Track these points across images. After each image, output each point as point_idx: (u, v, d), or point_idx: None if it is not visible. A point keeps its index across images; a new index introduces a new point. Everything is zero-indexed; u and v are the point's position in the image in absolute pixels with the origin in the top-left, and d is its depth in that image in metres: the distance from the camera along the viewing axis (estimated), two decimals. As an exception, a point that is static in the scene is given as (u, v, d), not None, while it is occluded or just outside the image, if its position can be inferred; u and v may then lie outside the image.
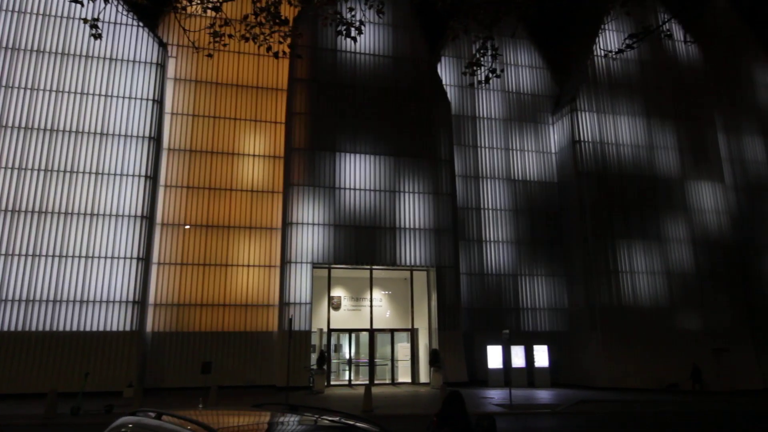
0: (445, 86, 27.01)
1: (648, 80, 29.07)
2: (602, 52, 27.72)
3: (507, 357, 24.86)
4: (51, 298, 20.37)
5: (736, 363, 25.69)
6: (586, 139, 27.06)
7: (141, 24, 23.49)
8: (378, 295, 25.95)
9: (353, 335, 25.71)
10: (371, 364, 24.76)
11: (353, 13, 7.92)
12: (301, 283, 22.87)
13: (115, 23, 23.18)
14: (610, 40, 28.89)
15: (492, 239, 26.73)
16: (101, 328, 20.57)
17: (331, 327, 24.43)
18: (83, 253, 21.01)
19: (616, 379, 24.18)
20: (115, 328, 20.67)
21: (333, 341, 25.17)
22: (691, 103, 29.32)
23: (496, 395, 20.80)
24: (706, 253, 27.11)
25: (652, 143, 28.03)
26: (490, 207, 27.09)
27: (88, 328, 20.45)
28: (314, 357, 23.07)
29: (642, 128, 28.14)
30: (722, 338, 25.88)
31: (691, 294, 26.40)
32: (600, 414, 17.52)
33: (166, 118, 23.91)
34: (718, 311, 26.48)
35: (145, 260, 21.47)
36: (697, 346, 25.39)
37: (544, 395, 21.63)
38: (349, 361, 25.24)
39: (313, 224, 23.55)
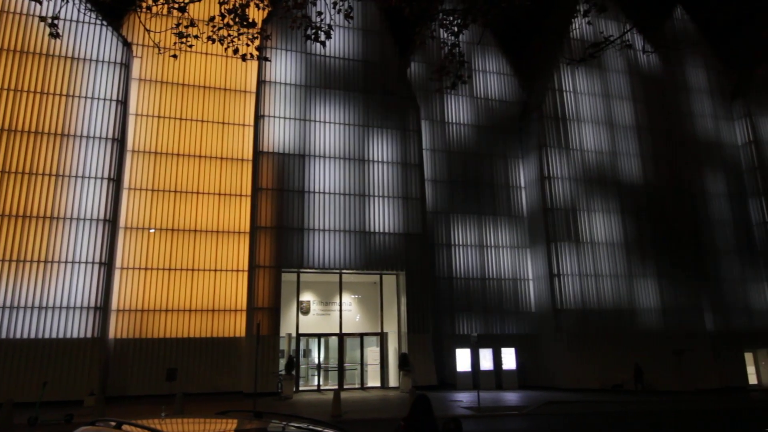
0: (414, 91, 27.16)
1: (611, 88, 29.85)
2: (567, 60, 28.34)
3: (475, 360, 25.11)
4: (8, 304, 19.62)
5: (695, 363, 26.51)
6: (552, 145, 27.60)
7: (104, 23, 22.93)
8: (347, 299, 25.87)
9: (322, 340, 25.55)
10: (340, 369, 24.64)
11: (322, 16, 7.91)
12: (269, 288, 22.62)
13: (77, 21, 22.58)
14: (575, 48, 29.55)
15: (460, 243, 26.97)
16: (61, 335, 19.91)
17: (300, 332, 24.23)
18: (42, 258, 20.32)
19: (580, 380, 24.66)
20: (75, 335, 20.04)
21: (302, 346, 24.95)
22: (652, 110, 30.21)
23: (464, 398, 20.95)
24: (667, 257, 27.92)
25: (615, 149, 28.77)
26: (458, 211, 27.33)
27: (47, 336, 19.76)
28: (283, 362, 22.84)
29: (605, 135, 28.86)
30: (682, 339, 26.67)
31: (652, 296, 27.13)
32: (565, 414, 17.83)
33: (131, 119, 23.36)
34: (678, 313, 27.29)
35: (107, 265, 20.90)
36: (658, 347, 26.11)
37: (511, 397, 21.90)
38: (318, 366, 25.06)
39: (282, 228, 23.35)
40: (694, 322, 27.48)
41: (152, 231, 22.56)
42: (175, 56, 7.83)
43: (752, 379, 29.20)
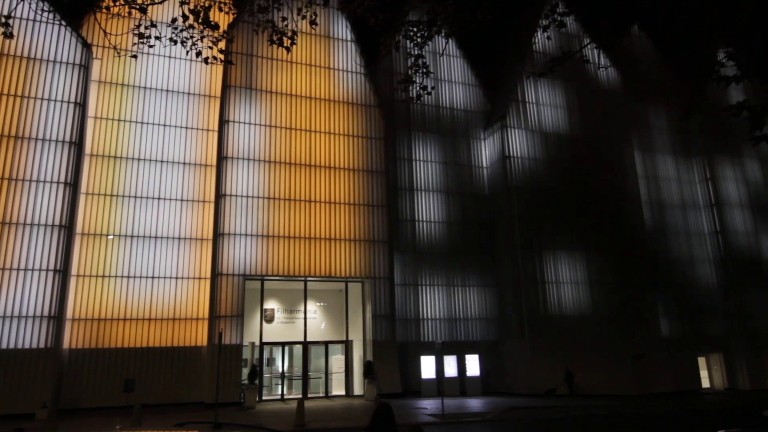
0: (380, 99, 27.30)
1: (572, 100, 30.67)
2: (528, 73, 29.01)
3: (440, 367, 25.25)
4: (-47, 313, 18.72)
5: (652, 367, 27.31)
6: (515, 155, 28.14)
7: (63, 23, 22.28)
8: (312, 307, 25.67)
9: (287, 348, 25.26)
10: (305, 378, 24.39)
11: (286, 23, 7.89)
12: (232, 296, 22.25)
13: (33, 20, 21.88)
14: (538, 61, 30.26)
15: (426, 251, 27.14)
16: (12, 345, 19.10)
17: (264, 340, 23.90)
18: (-8, 265, 19.47)
19: (543, 385, 25.05)
20: (27, 345, 19.25)
21: (266, 355, 24.60)
22: (611, 123, 31.16)
23: (429, 405, 21.01)
24: (624, 264, 28.72)
25: (576, 160, 29.51)
26: (424, 219, 27.53)
27: (-5, 346, 18.92)
28: (246, 371, 22.46)
29: (567, 146, 29.59)
30: (639, 344, 27.43)
31: (611, 302, 27.85)
32: (528, 420, 18.09)
33: (89, 122, 22.71)
34: (635, 319, 28.08)
35: (62, 272, 20.19)
36: (617, 352, 26.79)
37: (475, 404, 22.08)
38: (282, 375, 24.75)
39: (246, 235, 23.04)
40: (650, 327, 28.30)
41: (110, 237, 21.92)
42: (135, 57, 7.67)
43: (705, 383, 30.24)
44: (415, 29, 7.40)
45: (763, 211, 33.46)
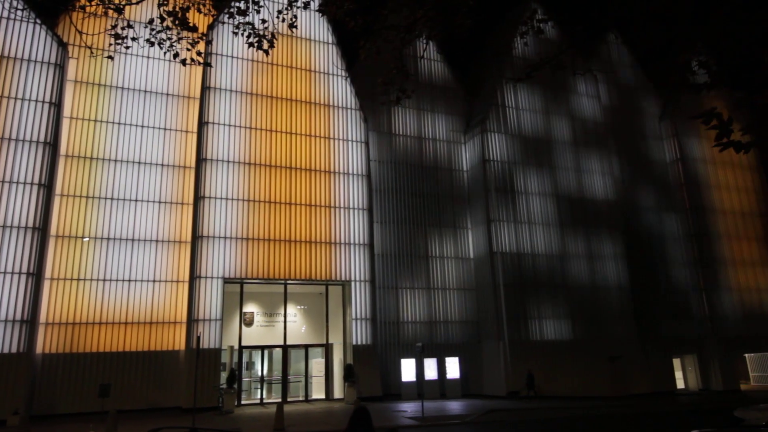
0: (361, 102, 27.30)
1: (551, 105, 31.05)
2: (507, 79, 29.29)
3: (420, 370, 25.29)
4: None
5: (629, 369, 27.71)
6: (495, 158, 28.37)
7: (38, 21, 21.86)
8: (292, 310, 25.53)
9: (266, 352, 25.07)
10: (284, 381, 24.22)
11: (266, 25, 7.85)
12: (211, 299, 22.01)
13: (7, 18, 21.43)
14: (517, 66, 30.57)
15: (405, 254, 27.18)
16: (-18, 351, 18.61)
17: (243, 344, 23.68)
18: (-38, 268, 18.99)
19: (522, 387, 25.23)
20: (1, 351, 18.79)
21: (245, 359, 24.38)
22: (589, 129, 31.62)
23: (409, 408, 21.02)
24: (601, 266, 29.11)
25: (554, 164, 29.85)
26: (405, 221, 27.57)
27: (-35, 351, 18.42)
28: (224, 376, 22.23)
29: (545, 150, 29.93)
30: (615, 347, 27.82)
31: (587, 305, 28.20)
32: (507, 422, 18.21)
33: (65, 123, 22.30)
34: (611, 322, 28.47)
35: (36, 275, 19.76)
36: (595, 355, 27.14)
37: (455, 406, 22.15)
38: (262, 379, 24.55)
39: (225, 238, 22.83)
40: (625, 329, 28.71)
41: (86, 240, 21.53)
42: (110, 58, 7.57)
43: (680, 384, 30.79)
44: (394, 33, 7.42)
45: (736, 215, 34.21)
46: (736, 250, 33.34)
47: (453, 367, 26.33)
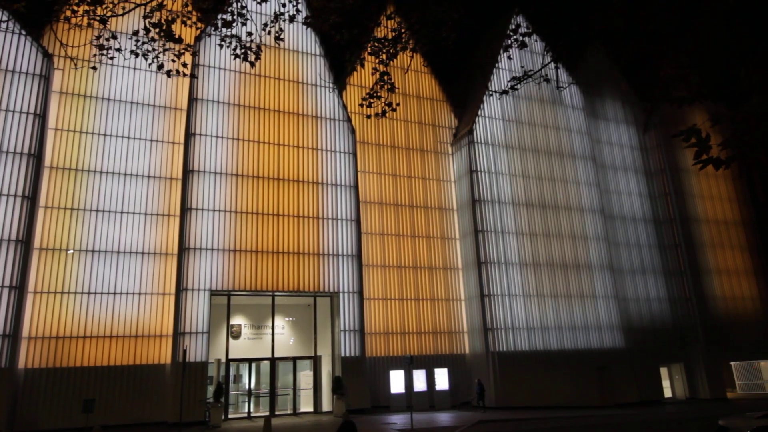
0: (350, 114, 27.38)
1: (536, 116, 31.35)
2: (491, 92, 29.54)
3: (409, 381, 25.18)
4: None
5: (617, 379, 27.81)
6: (482, 169, 28.52)
7: (23, 32, 21.71)
8: (280, 322, 25.34)
9: (254, 365, 24.81)
10: (272, 395, 23.97)
11: (252, 37, 7.86)
12: (197, 312, 21.79)
13: (-9, 30, 21.23)
14: (503, 78, 30.87)
15: (394, 264, 27.15)
16: (-38, 367, 18.22)
17: (230, 357, 23.43)
18: (-58, 282, 18.64)
19: (510, 398, 25.23)
20: (-21, 366, 18.40)
21: (232, 372, 24.11)
22: (575, 140, 31.94)
23: (398, 420, 20.89)
24: (588, 277, 29.30)
25: (540, 174, 30.07)
26: (392, 233, 27.57)
27: (-56, 367, 18.03)
28: (211, 389, 21.95)
29: (531, 160, 30.15)
30: (603, 356, 27.93)
31: (575, 315, 28.31)
32: (496, 434, 18.16)
33: (49, 134, 22.08)
34: (599, 331, 28.60)
35: (18, 288, 19.44)
36: (583, 364, 27.22)
37: (444, 418, 22.05)
38: (249, 392, 24.27)
39: (212, 249, 22.65)
40: (613, 339, 28.85)
41: (70, 252, 21.25)
42: (94, 68, 7.53)
43: (667, 393, 30.96)
44: (380, 45, 7.47)
45: (719, 224, 34.64)
46: (720, 258, 33.73)
47: (442, 379, 26.26)
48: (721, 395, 30.42)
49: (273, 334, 24.30)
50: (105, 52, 7.01)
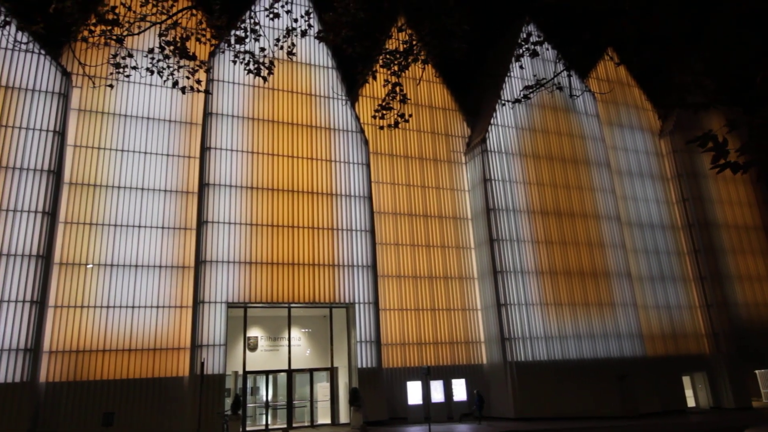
0: (363, 124, 27.51)
1: (550, 124, 31.21)
2: (504, 102, 29.47)
3: (427, 392, 24.99)
4: (-76, 348, 18.14)
5: (638, 388, 27.32)
6: (496, 178, 28.42)
7: (42, 52, 22.22)
8: (296, 333, 25.37)
9: (271, 377, 24.83)
10: (289, 407, 23.95)
11: (265, 52, 7.97)
12: (215, 324, 21.91)
13: (12, 50, 21.79)
14: (515, 87, 30.82)
15: (409, 274, 27.07)
16: (-15, 381, 18.51)
17: (248, 369, 23.48)
18: (-34, 298, 18.99)
19: (529, 409, 24.90)
20: (2, 380, 18.66)
21: (249, 384, 24.14)
22: (589, 147, 31.71)
23: (415, 432, 20.73)
24: (605, 284, 28.93)
25: (555, 182, 29.88)
26: (407, 243, 27.52)
27: (-32, 382, 18.31)
28: (229, 402, 22.00)
29: (546, 168, 29.99)
30: (624, 365, 27.47)
31: (594, 323, 27.94)
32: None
33: (68, 151, 22.51)
34: (619, 340, 28.16)
35: (39, 303, 19.73)
36: (603, 374, 26.80)
37: (462, 429, 21.83)
38: (267, 404, 24.27)
39: (228, 262, 22.81)
40: (634, 348, 28.39)
41: (89, 267, 21.54)
42: (110, 86, 7.68)
43: (690, 402, 30.33)
44: (392, 57, 7.52)
45: (739, 230, 34.05)
46: (741, 264, 33.10)
47: (460, 390, 26.02)
48: (746, 404, 29.72)
49: (289, 345, 24.33)
50: (121, 70, 7.15)
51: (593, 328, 27.83)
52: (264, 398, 24.47)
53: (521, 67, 11.07)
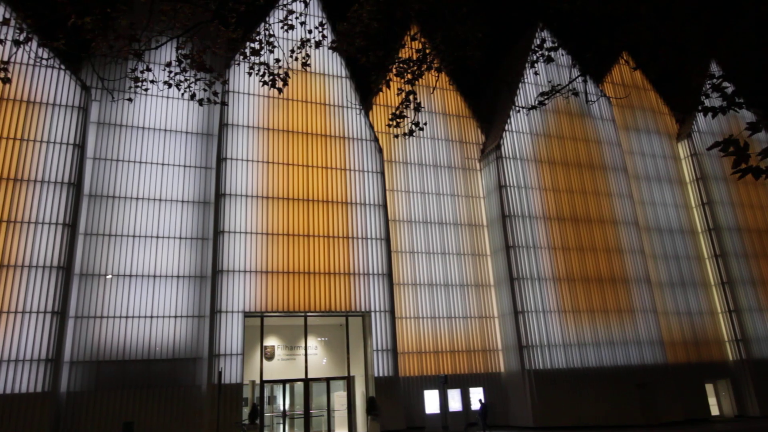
0: (377, 133, 27.59)
1: (566, 129, 31.01)
2: (519, 108, 29.36)
3: (444, 401, 24.80)
4: (-51, 359, 18.49)
5: (659, 396, 26.84)
6: (511, 184, 28.27)
7: (62, 66, 22.68)
8: (313, 342, 25.38)
9: (287, 386, 24.85)
10: (306, 416, 23.92)
11: (280, 63, 8.05)
12: (232, 333, 22.02)
13: (33, 65, 22.28)
14: (529, 92, 30.72)
15: (425, 282, 26.98)
16: (9, 390, 18.78)
17: (265, 378, 23.52)
18: (-11, 309, 19.34)
19: (548, 418, 24.58)
20: (24, 390, 18.92)
21: (266, 393, 24.18)
22: (605, 152, 31.44)
23: (433, 441, 20.57)
24: (624, 291, 28.54)
25: (571, 188, 29.64)
26: (422, 251, 27.45)
27: (-9, 392, 18.60)
28: (246, 411, 22.05)
29: (562, 174, 29.77)
30: (645, 373, 27.02)
31: (613, 330, 27.55)
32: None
33: (88, 163, 22.89)
34: (638, 347, 27.73)
35: (60, 313, 20.02)
36: (623, 381, 26.38)
37: (480, 438, 21.61)
38: (284, 414, 24.28)
39: (245, 271, 22.94)
40: (654, 355, 27.93)
41: (109, 277, 21.82)
42: (130, 100, 7.81)
43: (714, 410, 29.69)
44: (405, 66, 7.55)
45: (761, 234, 33.43)
46: (763, 268, 32.45)
47: (478, 398, 25.78)
48: (772, 412, 29.05)
49: (306, 354, 24.34)
50: (140, 83, 7.28)
51: (612, 335, 27.45)
52: (281, 407, 24.48)
53: (536, 73, 11.04)
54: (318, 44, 7.62)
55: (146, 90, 7.71)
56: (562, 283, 27.42)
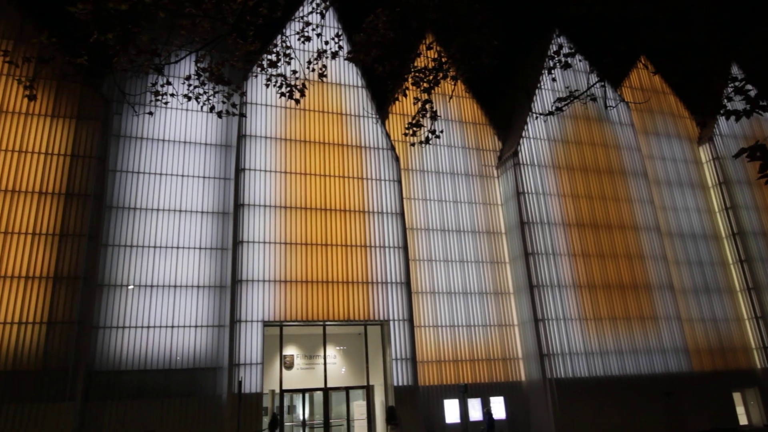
0: (393, 141, 27.64)
1: (584, 135, 30.74)
2: (537, 115, 29.20)
3: (464, 411, 24.57)
4: (-23, 369, 18.85)
5: (685, 405, 26.27)
6: (529, 191, 28.07)
7: (85, 82, 23.18)
8: (332, 351, 25.38)
9: (307, 395, 24.86)
10: (326, 425, 23.88)
11: (297, 74, 8.13)
12: (251, 343, 22.12)
13: (57, 80, 22.80)
14: (546, 98, 30.55)
15: (443, 290, 26.83)
16: (33, 401, 19.09)
17: (284, 387, 23.57)
18: (16, 319, 19.73)
19: (571, 428, 24.19)
20: (48, 401, 19.22)
21: (286, 402, 24.22)
22: (623, 155, 31.07)
23: (454, 451, 20.37)
24: (647, 298, 28.06)
25: (591, 194, 29.33)
26: (440, 258, 27.34)
27: (17, 401, 18.92)
28: (266, 420, 22.10)
29: (580, 179, 29.48)
30: (670, 381, 26.48)
31: (636, 338, 27.09)
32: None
33: (110, 176, 23.30)
34: (663, 355, 27.21)
35: (83, 323, 20.32)
36: (647, 390, 25.88)
37: (502, 448, 21.35)
38: (304, 423, 24.28)
39: (264, 281, 23.08)
40: (679, 363, 27.37)
41: (131, 288, 22.11)
42: (151, 113, 7.95)
43: (742, 420, 28.93)
44: (421, 75, 7.57)
45: (788, 238, 32.66)
46: (792, 274, 31.66)
47: (498, 408, 25.48)
48: (803, 422, 28.22)
49: (325, 363, 24.34)
50: (160, 97, 7.41)
51: (636, 343, 26.98)
52: (301, 417, 24.50)
53: (553, 79, 11.06)
54: (334, 55, 7.69)
55: (166, 103, 7.84)
56: (582, 290, 27.08)
